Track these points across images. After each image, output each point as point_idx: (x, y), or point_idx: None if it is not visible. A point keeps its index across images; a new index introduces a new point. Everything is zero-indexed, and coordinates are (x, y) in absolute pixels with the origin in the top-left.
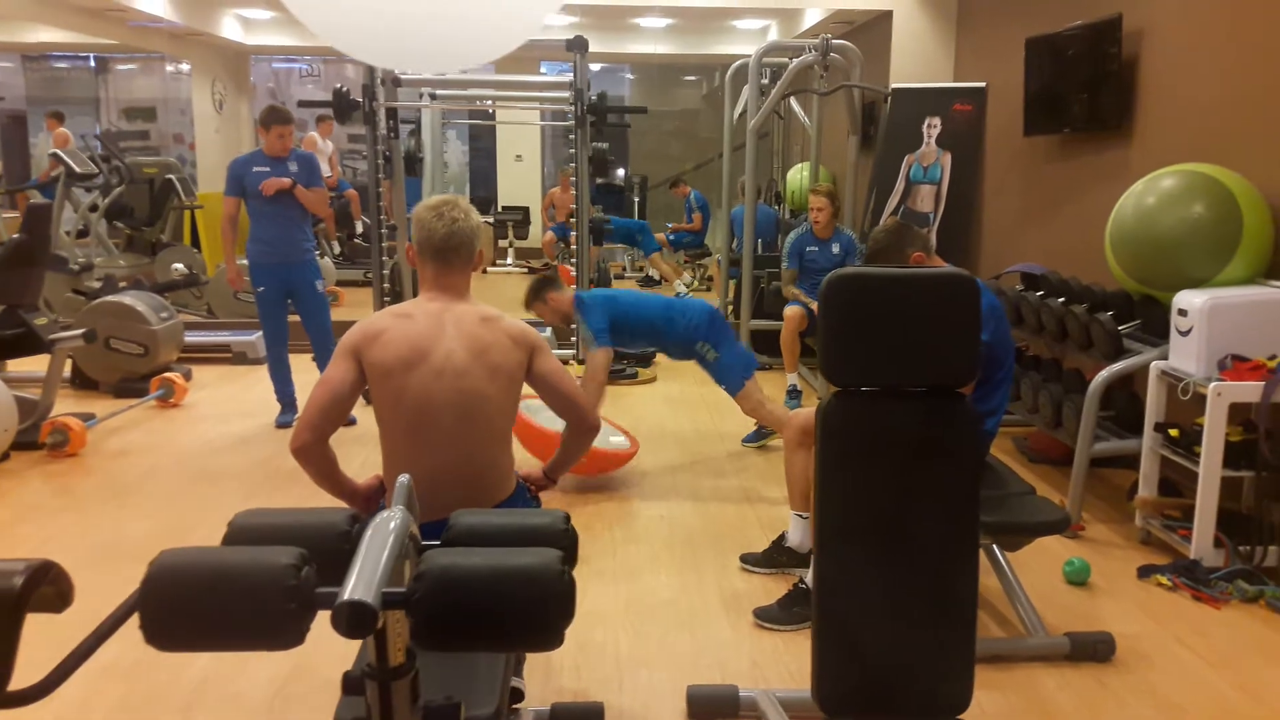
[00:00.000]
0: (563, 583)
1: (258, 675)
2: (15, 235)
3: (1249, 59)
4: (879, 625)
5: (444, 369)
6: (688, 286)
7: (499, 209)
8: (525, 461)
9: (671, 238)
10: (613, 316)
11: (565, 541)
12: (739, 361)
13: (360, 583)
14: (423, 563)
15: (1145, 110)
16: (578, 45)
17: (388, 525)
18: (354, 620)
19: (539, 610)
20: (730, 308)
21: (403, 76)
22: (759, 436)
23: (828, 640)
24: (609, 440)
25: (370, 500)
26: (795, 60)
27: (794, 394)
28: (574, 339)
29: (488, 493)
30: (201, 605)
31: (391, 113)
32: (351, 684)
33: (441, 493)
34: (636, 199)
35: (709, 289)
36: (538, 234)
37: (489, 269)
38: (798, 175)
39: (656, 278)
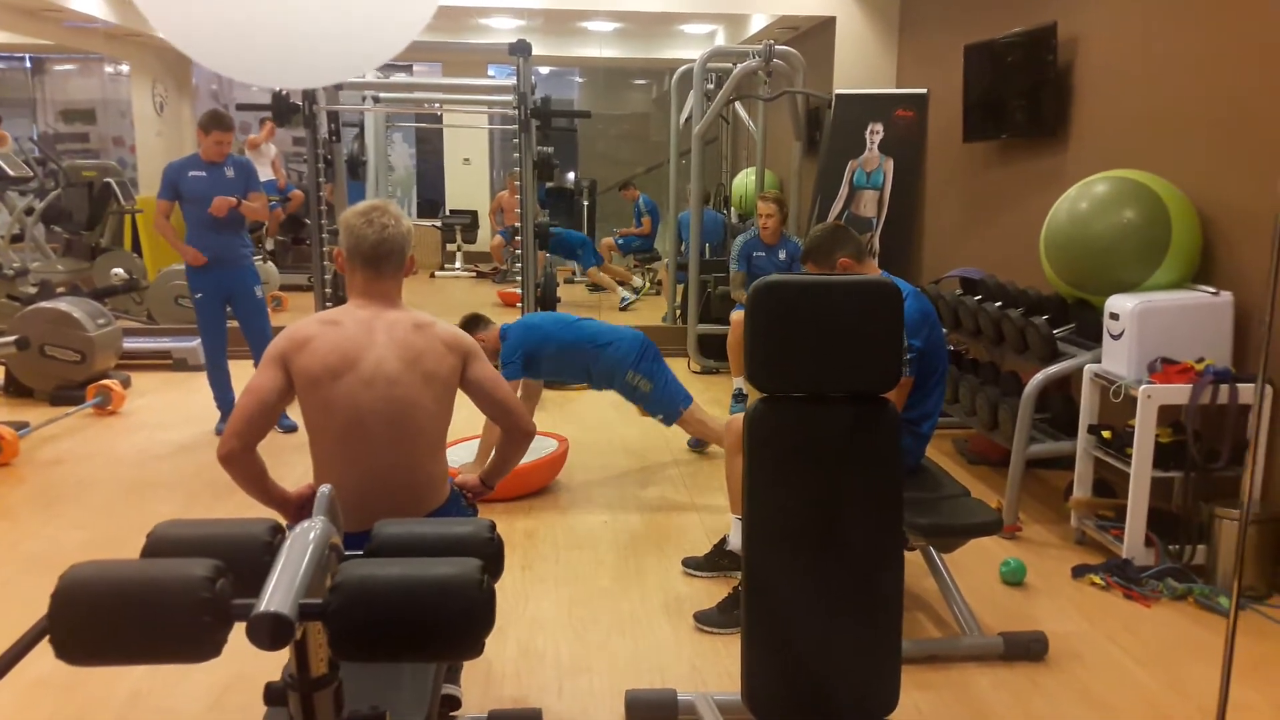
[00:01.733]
0: (481, 592)
1: (194, 687)
2: None
3: (1178, 67)
4: (807, 628)
5: (374, 377)
6: (637, 292)
7: (447, 212)
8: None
9: (620, 242)
10: (529, 348)
11: (488, 550)
12: (675, 395)
13: (277, 594)
14: (340, 573)
15: (1080, 117)
16: (520, 49)
17: (307, 536)
18: (270, 632)
19: (456, 621)
20: (678, 312)
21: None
22: (700, 443)
23: (757, 643)
24: (540, 452)
25: (302, 509)
26: (739, 66)
27: (740, 398)
28: None
29: (419, 502)
30: (113, 619)
31: (333, 115)
32: (274, 695)
33: (371, 502)
34: (586, 203)
35: (659, 293)
36: (486, 237)
37: (437, 273)
38: (744, 180)
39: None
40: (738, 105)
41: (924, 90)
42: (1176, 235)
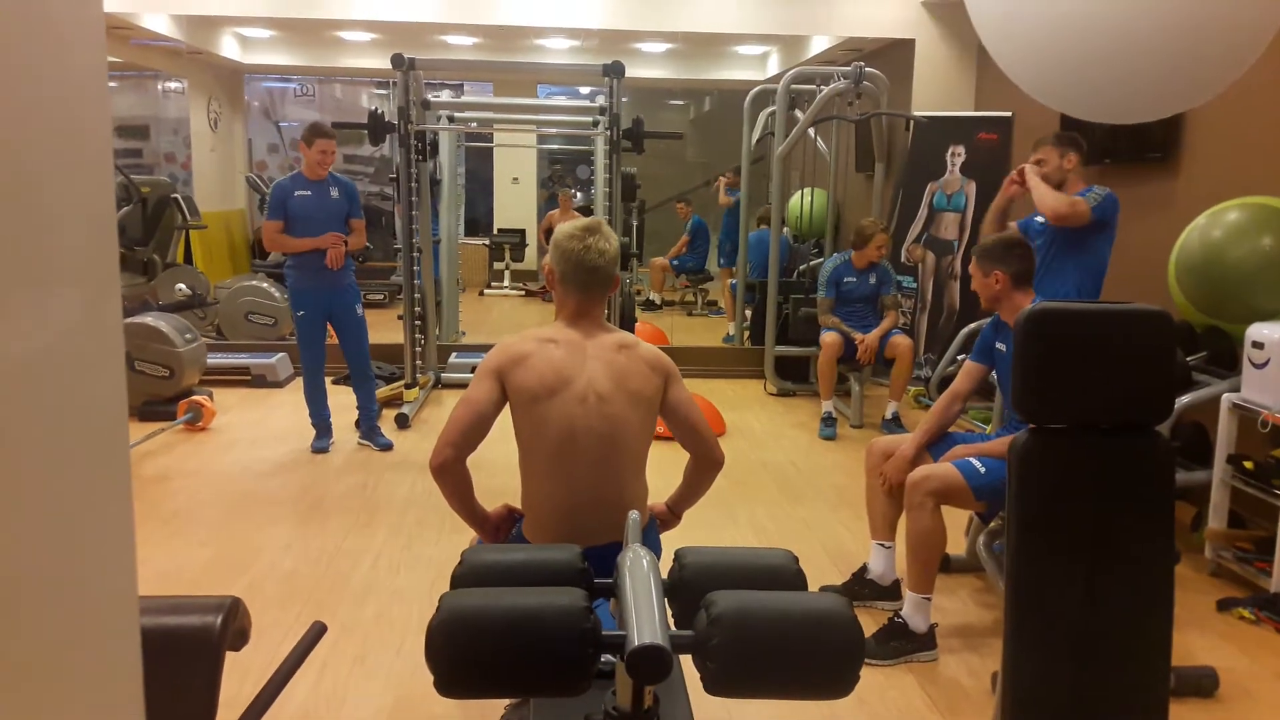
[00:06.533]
0: (857, 629)
1: (358, 711)
2: None
3: None
4: (1070, 669)
5: (586, 395)
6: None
7: (495, 231)
8: None
9: (675, 262)
10: None
11: (800, 582)
12: None
13: (645, 626)
14: (712, 606)
15: (1194, 142)
16: (614, 71)
17: (642, 564)
18: (652, 665)
19: (835, 657)
20: (746, 333)
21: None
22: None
23: (1022, 685)
24: None
25: (500, 529)
26: (827, 87)
27: (829, 421)
28: None
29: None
30: (496, 652)
31: (421, 136)
32: None
33: (584, 519)
34: (635, 222)
35: (708, 313)
36: (533, 255)
37: (485, 291)
38: (799, 201)
39: (658, 301)
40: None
41: (1009, 113)
42: None
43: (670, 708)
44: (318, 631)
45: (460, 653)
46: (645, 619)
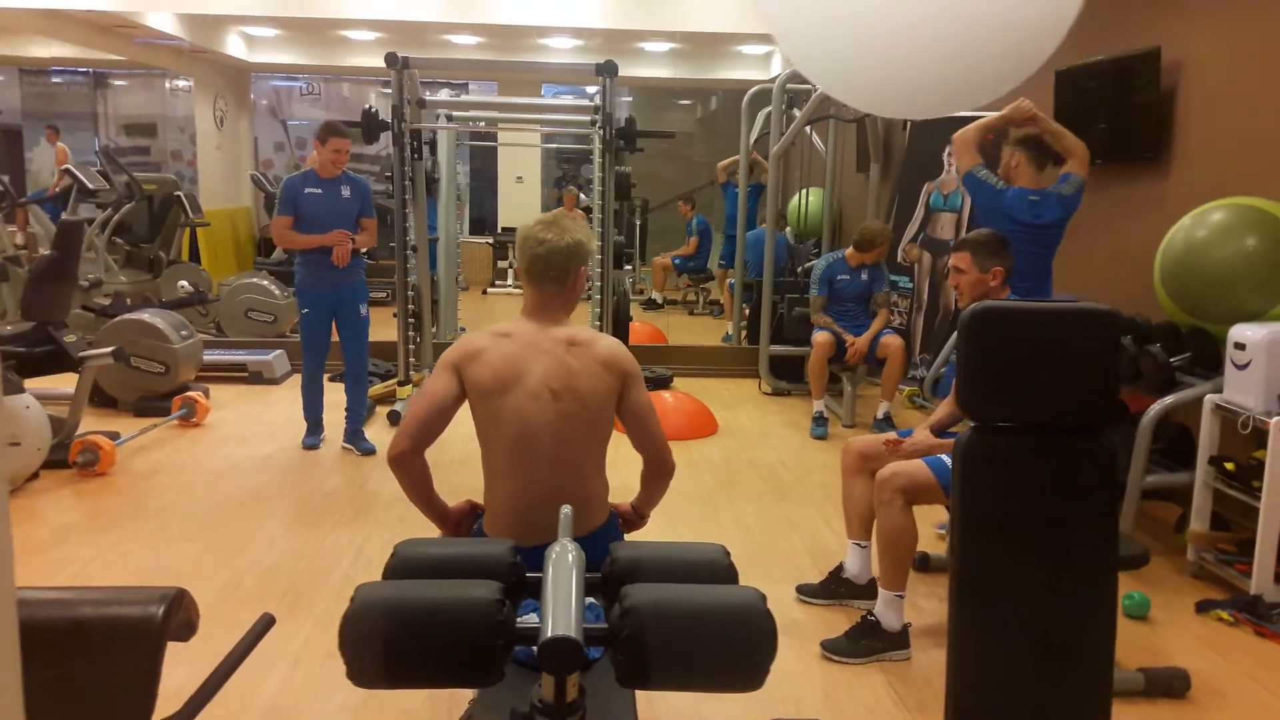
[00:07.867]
0: (770, 622)
1: (328, 704)
2: (47, 252)
3: None
4: (1014, 664)
5: (540, 391)
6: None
7: (499, 230)
8: None
9: (677, 262)
10: None
11: (730, 576)
12: None
13: (560, 618)
14: (626, 599)
15: (1184, 143)
16: (607, 70)
17: (566, 558)
18: (562, 657)
19: (749, 650)
20: (744, 332)
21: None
22: None
23: (963, 680)
24: None
25: (460, 524)
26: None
27: (820, 421)
28: None
29: (585, 519)
30: (409, 642)
31: (415, 134)
32: None
33: (540, 516)
34: (639, 222)
35: (711, 313)
36: None
37: (488, 290)
38: (800, 201)
39: (660, 300)
40: (808, 125)
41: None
42: None
43: (615, 704)
44: (265, 623)
45: (371, 643)
46: (561, 611)
